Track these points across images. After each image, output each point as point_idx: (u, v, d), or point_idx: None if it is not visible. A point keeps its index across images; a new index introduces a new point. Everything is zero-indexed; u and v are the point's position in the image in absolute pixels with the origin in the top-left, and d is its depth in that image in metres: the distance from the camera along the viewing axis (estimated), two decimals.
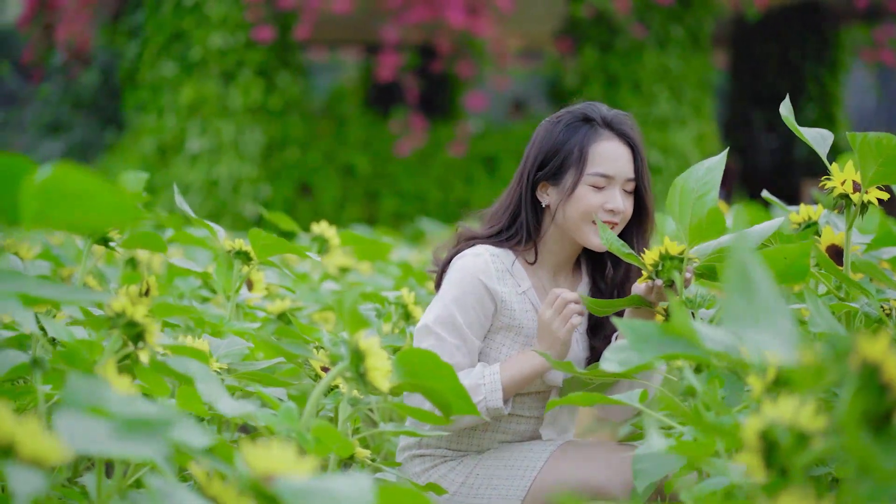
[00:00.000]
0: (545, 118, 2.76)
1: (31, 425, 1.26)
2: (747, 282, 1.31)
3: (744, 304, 1.29)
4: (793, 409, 1.33)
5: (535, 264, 2.70)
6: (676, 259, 2.31)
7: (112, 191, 1.31)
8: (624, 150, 2.66)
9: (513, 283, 2.65)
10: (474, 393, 2.53)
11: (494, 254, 2.66)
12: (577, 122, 2.68)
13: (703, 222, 2.25)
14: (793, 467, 1.32)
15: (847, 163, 2.33)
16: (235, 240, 2.72)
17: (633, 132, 2.68)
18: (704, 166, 2.34)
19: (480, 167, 12.23)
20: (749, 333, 1.28)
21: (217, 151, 11.79)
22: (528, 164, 2.70)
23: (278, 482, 1.34)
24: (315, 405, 1.85)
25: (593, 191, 2.62)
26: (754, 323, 1.27)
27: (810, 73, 15.52)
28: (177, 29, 12.01)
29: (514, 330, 2.64)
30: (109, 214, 1.33)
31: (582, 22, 12.27)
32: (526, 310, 2.66)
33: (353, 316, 1.81)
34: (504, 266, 2.65)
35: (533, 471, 2.60)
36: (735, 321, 1.28)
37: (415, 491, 1.40)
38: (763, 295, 1.29)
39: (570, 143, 2.65)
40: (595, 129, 2.66)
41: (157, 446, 1.33)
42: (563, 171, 2.65)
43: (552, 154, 2.66)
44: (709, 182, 2.29)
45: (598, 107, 2.70)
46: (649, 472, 1.98)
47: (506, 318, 2.63)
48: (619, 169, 2.64)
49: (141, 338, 1.83)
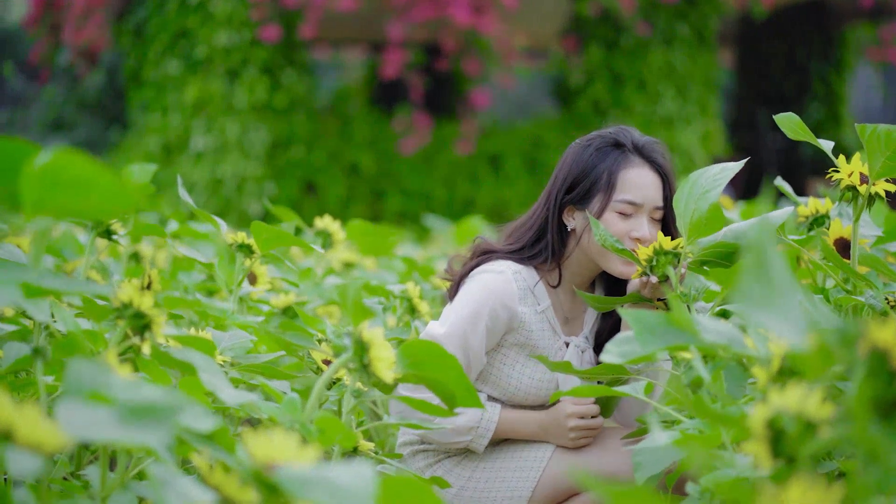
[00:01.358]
0: (576, 140, 2.73)
1: (29, 411, 1.25)
2: (763, 265, 1.29)
3: (758, 287, 1.27)
4: (800, 397, 1.32)
5: (558, 286, 2.69)
6: (671, 254, 2.30)
7: (112, 178, 1.29)
8: (654, 177, 2.63)
9: (533, 301, 2.64)
10: (463, 433, 2.58)
11: (517, 271, 2.64)
12: (607, 147, 2.65)
13: (703, 218, 2.24)
14: (800, 456, 1.30)
15: (855, 156, 2.32)
16: (238, 233, 2.71)
17: (664, 160, 2.65)
18: (720, 166, 2.33)
19: (486, 166, 12.21)
20: (761, 316, 1.27)
21: (222, 150, 11.78)
22: (556, 185, 2.67)
23: (280, 470, 1.32)
24: (318, 396, 1.84)
25: (620, 217, 2.59)
26: (767, 306, 1.26)
27: (816, 73, 15.48)
28: (181, 27, 12.00)
29: (527, 348, 2.64)
30: (109, 201, 1.31)
31: (587, 20, 12.25)
32: (543, 329, 2.65)
33: (357, 306, 1.80)
34: (526, 284, 2.64)
35: (542, 461, 2.60)
36: (748, 303, 1.27)
37: (417, 481, 1.38)
38: (778, 279, 1.28)
39: (600, 168, 2.62)
40: (626, 155, 2.63)
41: (163, 433, 1.32)
42: (591, 196, 2.62)
43: (581, 178, 2.64)
44: (718, 180, 2.28)
45: (630, 132, 2.67)
46: (649, 465, 1.97)
47: (522, 338, 2.62)
48: (648, 197, 2.61)
49: (147, 329, 1.82)
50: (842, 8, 15.15)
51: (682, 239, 2.31)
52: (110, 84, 15.91)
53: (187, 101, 11.88)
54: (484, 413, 2.59)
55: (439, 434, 2.59)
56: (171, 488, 1.29)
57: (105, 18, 12.76)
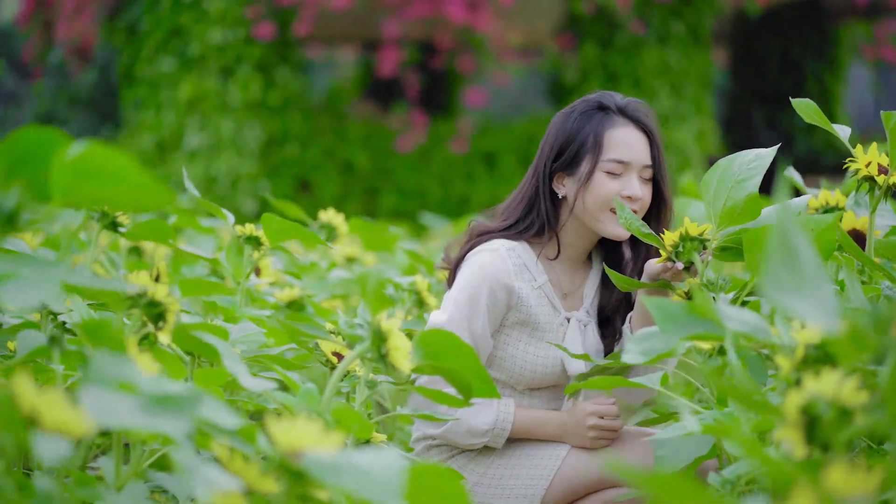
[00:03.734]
0: (559, 110, 2.73)
1: (54, 397, 1.23)
2: (789, 251, 1.27)
3: (786, 273, 1.25)
4: (835, 383, 1.30)
5: (555, 259, 2.67)
6: (697, 240, 2.27)
7: (144, 172, 1.28)
8: (640, 136, 2.63)
9: (529, 276, 2.62)
10: (479, 435, 2.56)
11: (511, 248, 2.62)
12: (591, 111, 2.65)
13: (739, 206, 2.21)
14: (835, 443, 1.29)
15: (871, 146, 2.30)
16: (246, 225, 2.70)
17: (648, 119, 2.65)
18: (754, 153, 2.31)
19: (480, 164, 12.19)
20: (791, 302, 1.25)
21: (216, 147, 11.74)
22: (543, 155, 2.67)
23: (306, 457, 1.31)
24: (335, 386, 1.82)
25: (610, 178, 2.59)
26: (797, 292, 1.24)
27: (811, 71, 15.49)
28: (175, 25, 11.95)
29: (529, 325, 2.61)
30: (141, 195, 1.30)
31: (582, 18, 12.23)
32: (542, 304, 2.63)
33: (377, 296, 1.78)
34: (521, 260, 2.62)
35: (556, 460, 2.57)
36: (776, 290, 1.25)
37: (444, 469, 1.36)
38: (805, 264, 1.26)
39: (585, 131, 2.62)
40: (610, 116, 2.63)
41: (186, 422, 1.30)
42: (579, 160, 2.61)
43: (567, 143, 2.63)
44: (755, 168, 2.24)
45: (613, 95, 2.67)
46: (673, 459, 1.94)
47: (522, 314, 2.60)
48: (636, 155, 2.60)
49: (162, 318, 1.80)
50: (836, 6, 15.15)
51: (709, 225, 2.29)
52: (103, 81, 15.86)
53: (181, 99, 11.84)
54: (499, 413, 2.57)
55: (456, 436, 2.57)
56: (197, 476, 1.27)
57: (96, 14, 12.71)
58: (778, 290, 1.26)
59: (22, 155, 1.39)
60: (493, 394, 1.94)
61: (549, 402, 2.68)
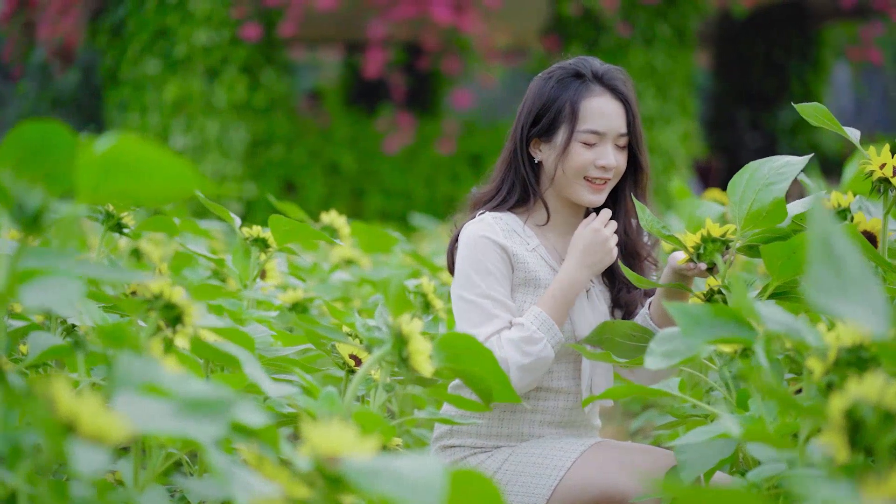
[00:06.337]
0: (538, 74, 2.73)
1: (92, 403, 1.21)
2: (831, 252, 1.26)
3: (830, 275, 1.24)
4: (879, 386, 1.29)
5: (545, 225, 2.67)
6: (719, 241, 2.26)
7: (176, 160, 1.26)
8: (615, 105, 2.63)
9: (520, 241, 2.63)
10: (533, 342, 2.50)
11: (497, 216, 2.65)
12: (568, 78, 2.65)
13: (765, 209, 2.21)
14: (879, 447, 1.28)
15: (885, 147, 2.29)
16: (253, 227, 2.68)
17: (625, 87, 2.65)
18: (784, 159, 2.30)
19: (467, 165, 12.19)
20: (836, 305, 1.24)
21: (201, 149, 11.71)
22: (520, 121, 2.69)
23: (344, 462, 1.29)
24: (356, 390, 1.80)
25: (585, 147, 2.61)
26: (843, 294, 1.23)
27: (794, 72, 15.53)
28: (160, 26, 11.90)
29: (532, 284, 2.61)
30: (171, 184, 1.28)
31: (568, 20, 12.24)
32: (540, 265, 2.63)
33: (399, 298, 1.76)
34: (509, 227, 2.63)
35: (561, 470, 2.53)
36: (822, 293, 1.24)
37: (483, 476, 1.35)
38: (851, 266, 1.25)
39: (562, 100, 2.62)
40: (587, 85, 2.63)
41: (221, 426, 1.28)
42: (556, 128, 2.63)
43: (544, 111, 2.64)
44: (784, 173, 2.24)
45: (591, 61, 2.67)
46: (696, 463, 1.92)
47: (521, 273, 2.60)
48: (611, 125, 2.61)
49: (179, 321, 1.77)
50: (821, 8, 15.21)
51: (732, 226, 2.28)
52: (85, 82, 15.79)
53: (166, 101, 11.80)
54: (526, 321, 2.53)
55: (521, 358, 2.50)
56: (236, 481, 1.25)
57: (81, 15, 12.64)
58: (823, 293, 1.24)
59: (31, 150, 1.36)
60: (514, 398, 1.93)
61: (566, 380, 2.64)
